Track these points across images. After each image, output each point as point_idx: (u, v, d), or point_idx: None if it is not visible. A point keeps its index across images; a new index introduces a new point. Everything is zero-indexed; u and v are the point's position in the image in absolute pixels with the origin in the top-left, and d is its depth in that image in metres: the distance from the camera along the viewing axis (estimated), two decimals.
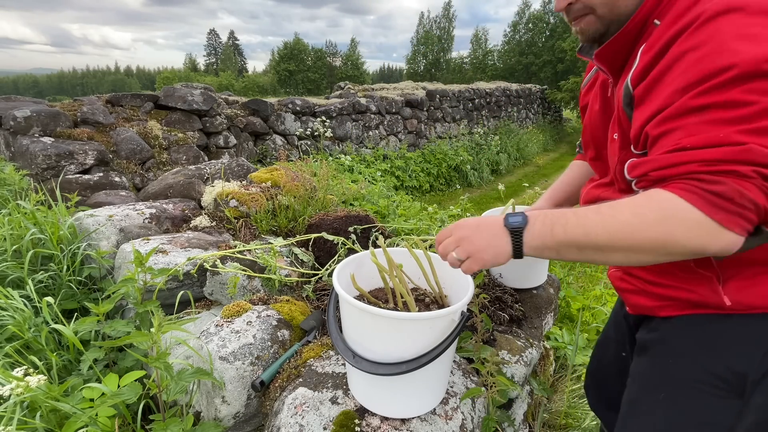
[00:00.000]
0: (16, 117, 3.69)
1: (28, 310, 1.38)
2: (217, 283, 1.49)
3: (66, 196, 2.19)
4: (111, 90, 50.04)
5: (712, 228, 0.61)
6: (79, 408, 1.03)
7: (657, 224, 0.64)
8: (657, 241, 0.65)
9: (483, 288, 1.62)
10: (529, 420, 1.50)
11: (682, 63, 0.66)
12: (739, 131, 0.60)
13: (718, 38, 0.63)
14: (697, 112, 0.63)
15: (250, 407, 1.13)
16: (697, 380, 0.81)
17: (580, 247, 0.70)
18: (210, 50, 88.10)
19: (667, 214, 0.63)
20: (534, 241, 0.73)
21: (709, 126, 0.62)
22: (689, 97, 0.64)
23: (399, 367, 0.85)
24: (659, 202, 0.64)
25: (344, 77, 43.18)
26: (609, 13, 0.80)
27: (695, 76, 0.64)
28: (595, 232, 0.68)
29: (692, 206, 0.61)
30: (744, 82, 0.60)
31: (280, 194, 2.08)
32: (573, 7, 0.82)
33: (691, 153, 0.63)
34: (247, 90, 46.18)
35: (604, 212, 0.69)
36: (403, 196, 5.16)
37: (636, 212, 0.66)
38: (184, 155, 4.65)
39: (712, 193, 0.61)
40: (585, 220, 0.70)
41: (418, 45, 48.85)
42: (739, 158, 0.60)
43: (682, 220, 0.62)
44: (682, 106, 0.64)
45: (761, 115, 0.60)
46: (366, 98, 8.15)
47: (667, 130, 0.66)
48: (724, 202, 0.60)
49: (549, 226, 0.72)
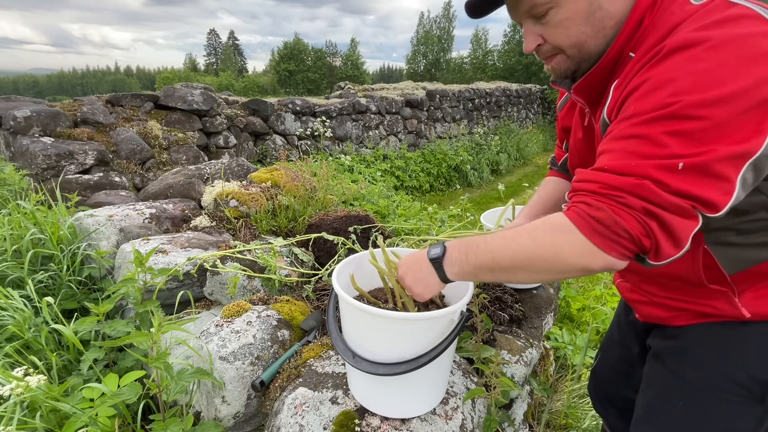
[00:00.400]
0: (16, 117, 3.69)
1: (28, 310, 1.38)
2: (217, 283, 1.49)
3: (66, 196, 2.19)
4: (111, 90, 50.04)
5: (591, 250, 0.66)
6: (79, 408, 1.03)
7: (547, 244, 0.69)
8: (548, 260, 0.70)
9: (483, 288, 1.62)
10: (529, 420, 1.50)
11: (635, 93, 0.68)
12: (650, 165, 0.63)
13: (665, 75, 0.64)
14: (628, 139, 0.66)
15: (250, 407, 1.13)
16: (717, 388, 0.81)
17: (491, 269, 0.76)
18: (210, 50, 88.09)
19: (556, 235, 0.69)
20: (453, 268, 0.79)
21: (629, 155, 0.65)
22: (629, 124, 0.67)
23: (399, 367, 0.85)
24: (552, 225, 0.70)
25: (344, 77, 43.16)
26: (578, 53, 0.81)
27: (640, 107, 0.66)
28: (500, 256, 0.74)
29: (576, 228, 0.66)
30: (670, 120, 0.62)
31: (280, 194, 2.08)
32: (542, 48, 0.83)
33: (601, 175, 0.67)
34: (247, 90, 46.17)
35: (508, 236, 0.74)
36: (403, 196, 5.16)
37: (532, 234, 0.71)
38: (184, 155, 4.65)
39: (592, 217, 0.65)
40: (492, 245, 0.75)
41: (418, 45, 48.85)
42: (630, 190, 0.63)
43: (567, 240, 0.67)
44: (622, 132, 0.68)
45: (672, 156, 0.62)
46: (366, 98, 8.15)
47: (604, 150, 0.70)
48: (601, 227, 0.65)
49: (464, 253, 0.78)
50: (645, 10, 0.75)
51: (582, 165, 1.03)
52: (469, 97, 10.85)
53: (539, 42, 0.82)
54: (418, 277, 0.84)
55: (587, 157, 0.99)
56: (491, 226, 1.57)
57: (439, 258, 0.80)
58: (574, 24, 0.77)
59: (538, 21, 0.80)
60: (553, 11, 0.77)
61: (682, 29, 0.67)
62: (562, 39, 0.79)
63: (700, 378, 0.84)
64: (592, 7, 0.76)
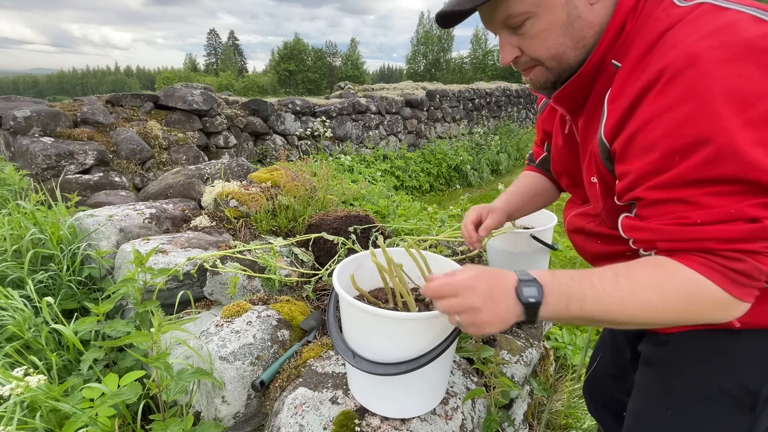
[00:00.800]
0: (16, 117, 3.69)
1: (28, 310, 1.38)
2: (217, 283, 1.49)
3: (66, 196, 2.20)
4: (111, 90, 50.05)
5: (731, 302, 0.64)
6: (79, 408, 1.02)
7: (680, 303, 0.64)
8: (679, 318, 0.66)
9: None
10: (529, 420, 1.50)
11: (662, 122, 0.62)
12: (750, 205, 0.59)
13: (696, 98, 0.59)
14: (698, 184, 0.61)
15: (250, 407, 1.13)
16: (706, 397, 0.81)
17: (598, 321, 0.68)
18: (210, 50, 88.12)
19: (690, 293, 0.63)
20: (548, 314, 0.68)
21: (718, 199, 0.61)
22: (688, 168, 0.61)
23: (399, 367, 0.85)
24: (682, 281, 0.64)
25: (344, 77, 43.17)
26: (558, 65, 0.78)
27: (683, 140, 0.61)
28: (614, 310, 0.65)
29: (715, 285, 0.62)
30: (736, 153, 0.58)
31: (280, 194, 2.08)
32: (520, 60, 0.80)
33: (705, 229, 0.61)
34: (247, 90, 46.19)
35: (624, 287, 0.65)
36: (403, 196, 5.16)
37: (658, 291, 0.64)
38: (184, 155, 4.65)
39: (735, 270, 0.62)
40: (603, 295, 0.65)
41: (418, 45, 48.85)
42: (755, 236, 0.60)
43: (705, 297, 0.63)
44: (679, 177, 0.62)
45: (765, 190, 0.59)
46: (366, 98, 8.15)
47: (667, 198, 0.64)
48: (744, 278, 0.62)
49: (565, 299, 0.67)
50: (626, 16, 0.72)
51: (565, 172, 1.03)
52: (469, 97, 10.85)
53: (516, 54, 0.79)
54: (502, 317, 0.68)
55: (570, 165, 0.97)
56: None
57: (537, 305, 0.66)
58: (553, 35, 0.74)
59: (515, 32, 0.77)
60: (530, 22, 0.73)
61: (677, 37, 0.63)
62: (540, 51, 0.76)
63: (689, 386, 0.83)
64: (571, 17, 0.73)
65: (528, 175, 1.30)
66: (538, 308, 0.66)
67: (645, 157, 0.65)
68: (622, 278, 0.66)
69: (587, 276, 0.67)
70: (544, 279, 0.68)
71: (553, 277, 0.68)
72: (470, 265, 0.75)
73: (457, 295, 0.68)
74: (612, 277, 0.66)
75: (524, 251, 1.56)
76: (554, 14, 0.72)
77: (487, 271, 0.71)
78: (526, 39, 0.76)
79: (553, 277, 0.68)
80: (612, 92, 0.71)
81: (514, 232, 1.52)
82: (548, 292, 0.66)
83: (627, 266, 0.68)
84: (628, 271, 0.66)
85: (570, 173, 1.01)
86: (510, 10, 0.73)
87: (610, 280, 0.66)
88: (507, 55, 0.79)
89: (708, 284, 0.62)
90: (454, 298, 0.68)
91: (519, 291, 0.67)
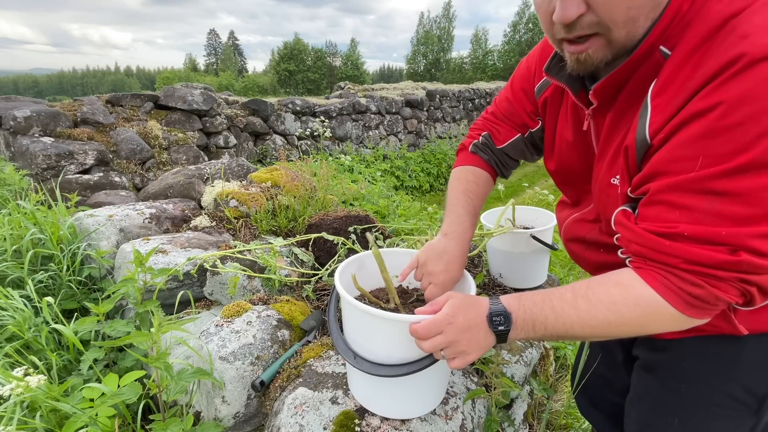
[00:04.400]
0: (16, 117, 3.69)
1: (28, 310, 1.38)
2: (217, 283, 1.49)
3: (66, 196, 2.19)
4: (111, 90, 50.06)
5: (683, 319, 0.65)
6: (79, 408, 1.02)
7: (633, 319, 0.67)
8: (635, 331, 0.69)
9: (483, 288, 1.62)
10: (529, 420, 1.50)
11: (707, 119, 0.56)
12: (747, 234, 0.56)
13: (749, 102, 0.52)
14: (710, 195, 0.57)
15: (250, 407, 1.13)
16: (713, 403, 0.80)
17: (561, 337, 0.73)
18: (210, 50, 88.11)
19: (644, 311, 0.66)
20: (517, 336, 0.74)
21: (715, 218, 0.57)
22: (708, 175, 0.57)
23: (401, 368, 0.85)
24: (636, 298, 0.66)
25: (344, 77, 43.17)
26: (626, 36, 0.64)
27: (720, 147, 0.55)
28: (574, 329, 0.70)
29: (668, 303, 0.64)
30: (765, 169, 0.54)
31: (280, 194, 2.08)
32: (581, 21, 0.63)
33: (683, 246, 0.60)
34: (247, 90, 46.20)
35: (581, 307, 0.69)
36: (403, 196, 5.17)
37: (613, 309, 0.67)
38: (184, 155, 4.65)
39: (690, 294, 0.62)
40: (563, 316, 0.70)
41: (418, 45, 48.87)
42: (729, 268, 0.58)
43: (659, 314, 0.65)
44: (695, 182, 0.58)
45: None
46: (366, 98, 8.15)
47: (669, 201, 0.61)
48: (699, 302, 0.63)
49: (530, 324, 0.72)
50: None
51: (562, 168, 0.94)
52: (469, 97, 10.86)
53: (582, 11, 0.61)
54: (480, 345, 0.74)
55: (575, 164, 0.90)
56: (491, 226, 1.57)
57: (506, 332, 0.72)
58: None
59: None
60: None
61: (750, 26, 0.55)
62: (619, 10, 0.61)
63: (696, 393, 0.82)
64: None
65: (482, 183, 1.09)
66: (508, 334, 0.73)
67: (676, 151, 0.60)
68: (580, 298, 0.69)
69: (549, 299, 0.72)
70: (511, 306, 0.73)
71: (519, 304, 0.73)
72: (449, 294, 0.79)
73: (441, 332, 0.73)
74: (571, 299, 0.70)
75: (524, 251, 1.56)
76: None
77: (464, 304, 0.75)
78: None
79: (519, 304, 0.73)
80: (658, 84, 0.63)
81: (514, 232, 1.52)
82: (515, 318, 0.72)
83: (588, 285, 0.71)
84: (587, 291, 0.70)
85: (570, 172, 0.94)
86: None
87: (569, 302, 0.70)
88: (572, 8, 0.61)
89: (662, 302, 0.64)
90: (439, 335, 0.73)
91: (490, 321, 0.73)
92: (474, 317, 0.73)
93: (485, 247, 1.69)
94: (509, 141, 1.08)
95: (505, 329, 0.72)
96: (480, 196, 1.08)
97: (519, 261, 1.59)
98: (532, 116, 1.02)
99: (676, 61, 0.61)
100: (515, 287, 1.63)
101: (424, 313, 0.77)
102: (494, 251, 1.63)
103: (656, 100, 0.63)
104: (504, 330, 0.72)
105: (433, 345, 0.74)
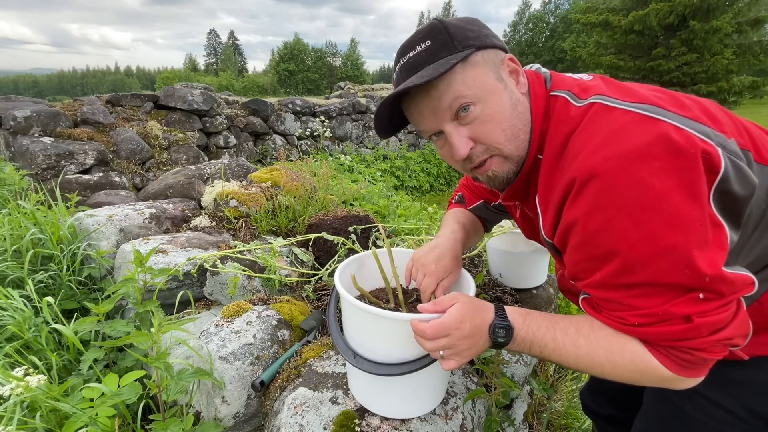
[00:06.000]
0: (16, 117, 3.69)
1: (28, 310, 1.38)
2: (217, 283, 1.49)
3: (66, 196, 2.19)
4: (111, 90, 50.05)
5: (678, 380, 0.69)
6: (79, 408, 1.02)
7: (628, 371, 0.70)
8: (625, 380, 0.72)
9: (483, 288, 1.62)
10: (530, 420, 1.50)
11: (576, 232, 0.67)
12: (676, 304, 0.62)
13: (600, 213, 0.63)
14: (621, 288, 0.65)
15: (250, 407, 1.13)
16: (718, 421, 0.81)
17: (553, 362, 0.78)
18: (210, 50, 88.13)
19: (638, 367, 0.69)
20: (514, 348, 0.78)
21: (644, 300, 0.64)
22: (606, 275, 0.65)
23: (401, 368, 0.85)
24: (632, 355, 0.69)
25: (344, 77, 43.17)
26: (516, 150, 0.76)
27: (595, 251, 0.66)
28: (568, 363, 0.74)
29: (662, 366, 0.67)
30: (644, 262, 0.62)
31: (280, 194, 2.08)
32: (474, 152, 0.77)
33: (644, 331, 0.66)
34: (247, 90, 46.21)
35: (581, 347, 0.72)
36: (403, 196, 5.17)
37: (609, 358, 0.70)
38: (184, 155, 4.65)
39: (683, 359, 0.66)
40: (561, 349, 0.74)
41: None
42: (694, 335, 0.63)
43: (652, 374, 0.69)
44: (604, 281, 0.67)
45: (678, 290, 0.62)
46: (366, 98, 8.15)
47: (601, 297, 0.70)
48: (690, 365, 0.67)
49: (528, 344, 0.76)
50: (542, 119, 0.75)
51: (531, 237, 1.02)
52: None
53: (471, 145, 0.76)
54: (477, 348, 0.78)
55: (533, 235, 0.97)
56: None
57: (504, 344, 0.77)
58: (504, 116, 0.74)
59: (461, 123, 0.75)
60: (478, 107, 0.73)
61: (577, 146, 0.67)
62: (497, 134, 0.74)
63: (700, 411, 0.83)
64: (513, 99, 0.74)
65: (466, 213, 1.20)
66: (505, 346, 0.77)
67: (575, 256, 0.70)
68: (582, 337, 0.72)
69: (552, 328, 0.75)
70: (516, 321, 0.77)
71: (524, 322, 0.76)
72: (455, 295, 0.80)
73: (447, 335, 0.75)
74: (573, 335, 0.73)
75: (524, 251, 1.56)
76: (499, 97, 0.73)
77: (471, 310, 0.77)
78: (479, 125, 0.74)
79: (523, 322, 0.76)
80: (540, 192, 0.76)
81: (513, 232, 1.52)
82: (516, 334, 0.76)
83: (590, 325, 0.73)
84: (590, 331, 0.72)
85: (536, 239, 1.00)
86: (458, 92, 0.72)
87: (570, 337, 0.73)
88: (462, 146, 0.76)
89: (656, 364, 0.67)
90: (444, 338, 0.75)
91: (492, 331, 0.76)
92: (479, 324, 0.76)
93: (485, 247, 1.70)
94: (474, 205, 1.19)
95: (504, 342, 0.76)
96: (468, 217, 1.18)
97: (519, 261, 1.59)
98: (492, 193, 1.12)
99: (544, 173, 0.73)
100: (515, 287, 1.63)
101: (428, 312, 0.78)
102: (494, 251, 1.63)
103: (541, 206, 0.76)
104: (503, 342, 0.76)
105: (436, 346, 0.76)
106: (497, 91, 0.73)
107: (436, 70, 0.70)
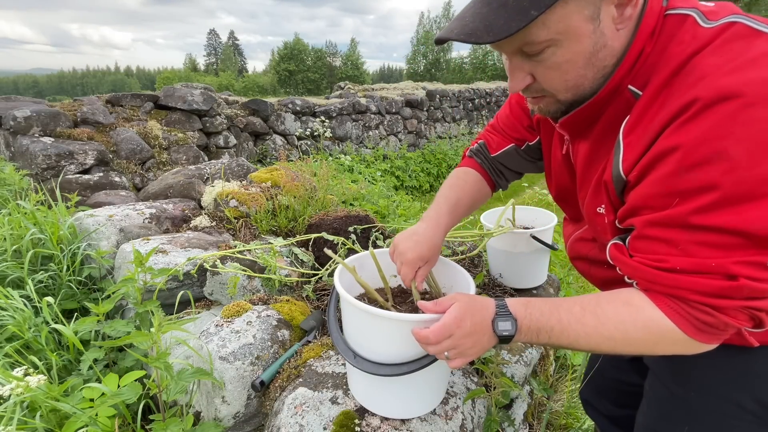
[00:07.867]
0: (16, 117, 3.69)
1: (28, 310, 1.38)
2: (217, 283, 1.49)
3: (66, 196, 2.19)
4: (111, 90, 50.06)
5: (693, 344, 0.66)
6: (79, 408, 1.02)
7: (641, 340, 0.67)
8: (640, 350, 0.70)
9: (483, 288, 1.62)
10: (529, 420, 1.50)
11: (672, 159, 0.60)
12: (735, 262, 0.58)
13: (714, 144, 0.56)
14: (690, 229, 0.60)
15: (250, 407, 1.13)
16: (723, 413, 0.80)
17: (563, 347, 0.75)
18: (210, 50, 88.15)
19: (652, 332, 0.66)
20: (520, 340, 0.75)
21: (705, 249, 0.59)
22: (685, 212, 0.59)
23: (401, 368, 0.85)
24: (645, 320, 0.66)
25: (344, 77, 43.18)
26: (572, 97, 0.71)
27: (689, 183, 0.59)
28: (578, 342, 0.71)
29: (678, 328, 0.65)
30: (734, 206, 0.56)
31: (280, 194, 2.08)
32: (531, 88, 0.72)
33: (680, 278, 0.62)
34: (247, 90, 46.21)
35: (588, 323, 0.69)
36: (403, 196, 5.17)
37: (620, 328, 0.67)
38: (184, 155, 4.65)
39: (701, 321, 0.63)
40: (568, 329, 0.71)
41: (418, 45, 48.86)
42: (730, 294, 0.60)
43: (667, 338, 0.66)
44: (675, 218, 0.61)
45: (757, 246, 0.57)
46: (366, 98, 8.15)
47: (655, 236, 0.64)
48: (710, 328, 0.64)
49: (535, 332, 0.73)
50: (646, 39, 0.65)
51: (557, 185, 0.97)
52: (469, 97, 10.85)
53: (528, 81, 0.70)
54: (483, 347, 0.76)
55: (565, 183, 0.93)
56: (491, 226, 1.57)
57: (510, 337, 0.74)
58: (574, 67, 0.66)
59: (530, 58, 0.68)
60: (551, 50, 0.65)
61: (706, 68, 0.58)
62: (557, 83, 0.69)
63: (705, 403, 0.81)
64: (597, 46, 0.65)
65: (470, 181, 1.14)
66: (511, 339, 0.74)
67: (654, 188, 0.63)
68: (589, 314, 0.70)
69: (556, 309, 0.72)
70: (518, 312, 0.74)
71: (526, 311, 0.74)
72: (454, 295, 0.79)
73: (450, 335, 0.73)
74: (579, 313, 0.71)
75: (524, 251, 1.56)
76: (580, 44, 0.64)
77: (471, 307, 0.75)
78: (543, 68, 0.68)
79: (526, 310, 0.74)
80: (629, 123, 0.67)
81: (513, 232, 1.52)
82: (520, 325, 0.73)
83: (597, 301, 0.71)
84: (596, 307, 0.70)
85: (564, 189, 0.96)
86: (530, 37, 0.64)
87: (576, 316, 0.71)
88: (518, 81, 0.71)
89: (672, 326, 0.65)
90: (447, 340, 0.74)
91: (495, 325, 0.74)
92: (480, 321, 0.74)
93: (485, 247, 1.69)
94: (502, 149, 1.11)
95: (509, 335, 0.73)
96: (466, 192, 1.11)
97: (519, 261, 1.59)
98: (530, 130, 1.06)
99: (645, 101, 0.65)
100: (515, 287, 1.63)
101: (428, 310, 0.77)
102: (494, 251, 1.63)
103: (627, 138, 0.67)
104: (508, 335, 0.73)
105: (441, 349, 0.75)
106: (580, 35, 0.63)
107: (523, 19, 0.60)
